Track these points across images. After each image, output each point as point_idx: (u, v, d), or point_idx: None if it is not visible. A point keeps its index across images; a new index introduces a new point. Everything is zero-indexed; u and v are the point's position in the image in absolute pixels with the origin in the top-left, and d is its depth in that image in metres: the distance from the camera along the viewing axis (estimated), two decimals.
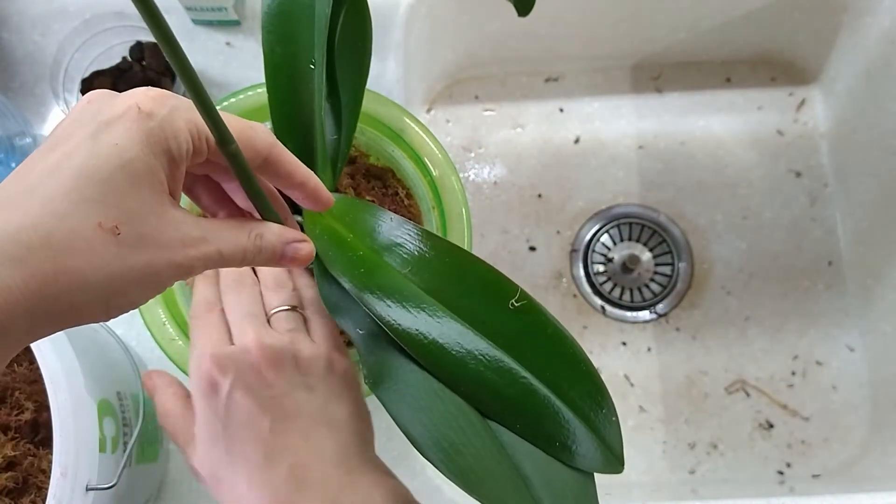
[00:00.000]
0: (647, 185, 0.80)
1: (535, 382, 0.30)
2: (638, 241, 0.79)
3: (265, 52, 0.37)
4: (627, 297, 0.78)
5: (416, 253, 0.33)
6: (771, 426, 0.73)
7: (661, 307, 0.77)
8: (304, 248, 0.31)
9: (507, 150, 0.81)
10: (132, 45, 0.62)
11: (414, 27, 0.67)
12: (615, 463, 0.31)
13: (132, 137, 0.25)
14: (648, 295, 0.78)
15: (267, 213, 0.31)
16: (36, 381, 0.49)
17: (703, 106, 0.81)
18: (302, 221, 0.36)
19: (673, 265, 0.78)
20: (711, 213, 0.79)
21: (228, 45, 0.65)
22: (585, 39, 0.79)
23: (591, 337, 0.77)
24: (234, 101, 0.47)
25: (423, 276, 0.32)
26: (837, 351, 0.75)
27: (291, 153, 0.31)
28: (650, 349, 0.76)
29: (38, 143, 0.61)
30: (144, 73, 0.61)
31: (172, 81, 0.60)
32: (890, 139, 0.70)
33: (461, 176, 0.78)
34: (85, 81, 0.61)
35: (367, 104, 0.42)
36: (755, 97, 0.81)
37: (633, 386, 0.75)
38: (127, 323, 0.58)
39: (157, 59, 0.62)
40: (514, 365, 0.30)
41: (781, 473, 0.72)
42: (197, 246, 0.27)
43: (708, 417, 0.74)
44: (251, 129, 0.29)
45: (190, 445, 0.36)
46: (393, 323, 0.30)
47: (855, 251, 0.76)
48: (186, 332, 0.44)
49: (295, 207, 0.38)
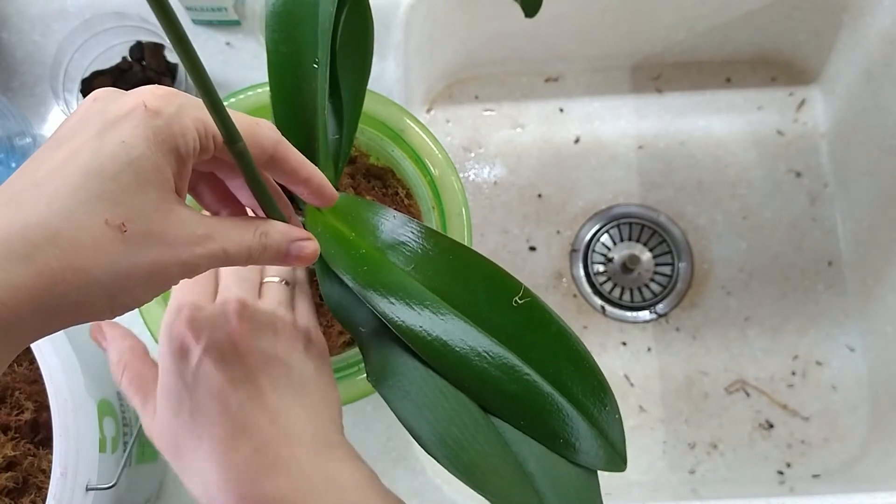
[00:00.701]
0: (647, 185, 0.80)
1: (538, 379, 0.30)
2: (638, 241, 0.79)
3: (269, 50, 0.37)
4: (627, 297, 0.78)
5: (419, 250, 0.33)
6: (771, 426, 0.73)
7: (661, 307, 0.77)
8: (308, 246, 0.31)
9: (507, 150, 0.81)
10: (132, 45, 0.62)
11: (414, 27, 0.67)
12: (618, 460, 0.31)
13: (139, 135, 0.25)
14: (648, 295, 0.78)
15: (272, 211, 0.31)
16: (36, 381, 0.48)
17: (703, 106, 0.81)
18: (303, 220, 0.36)
19: (673, 265, 0.78)
20: (711, 213, 0.79)
21: (228, 45, 0.65)
22: (585, 39, 0.79)
23: (591, 337, 0.77)
24: (234, 101, 0.47)
25: (426, 273, 0.32)
26: (837, 351, 0.75)
27: (296, 150, 0.31)
28: (650, 349, 0.76)
29: (38, 143, 0.61)
30: (144, 73, 0.61)
31: (172, 81, 0.60)
32: (890, 139, 0.70)
33: (461, 176, 0.78)
34: (85, 81, 0.61)
35: (367, 104, 0.42)
36: (755, 97, 0.81)
37: (633, 386, 0.75)
38: (127, 323, 0.58)
39: (156, 59, 0.62)
40: (517, 362, 0.30)
41: (781, 473, 0.72)
42: (203, 244, 0.27)
43: (708, 417, 0.74)
44: (257, 125, 0.29)
45: (148, 406, 0.34)
46: (397, 320, 0.30)
47: (855, 251, 0.76)
48: None
49: (296, 206, 0.38)
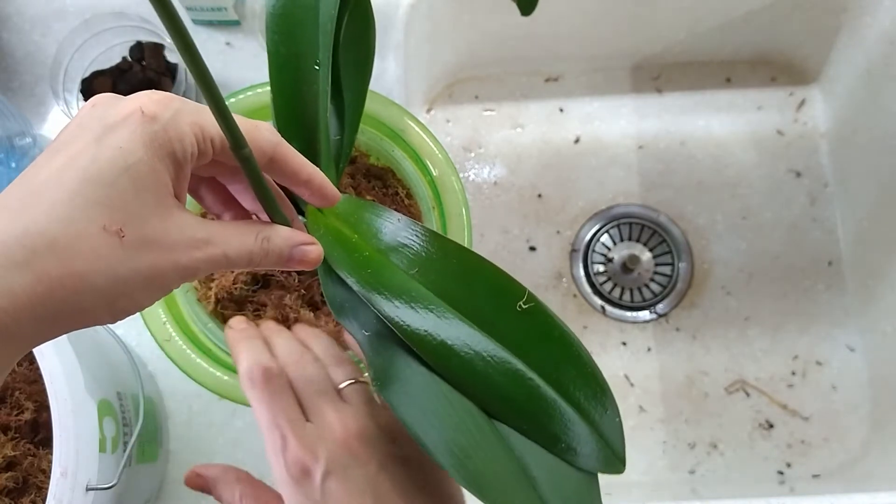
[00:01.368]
0: (647, 185, 0.80)
1: (542, 384, 0.30)
2: (638, 241, 0.79)
3: (270, 52, 0.37)
4: (627, 297, 0.78)
5: (422, 254, 0.33)
6: (771, 426, 0.73)
7: (661, 307, 0.77)
8: (312, 250, 0.31)
9: (507, 150, 0.81)
10: (132, 45, 0.62)
11: (414, 27, 0.67)
12: (616, 463, 0.31)
13: (136, 141, 0.25)
14: (648, 295, 0.78)
15: (276, 215, 0.31)
16: (36, 381, 0.48)
17: (703, 106, 0.81)
18: (305, 222, 0.36)
19: (673, 265, 0.78)
20: (711, 213, 0.79)
21: (228, 45, 0.65)
22: (585, 39, 0.79)
23: (591, 337, 0.77)
24: (233, 101, 0.47)
25: (430, 276, 0.32)
26: (837, 351, 0.75)
27: (296, 151, 0.31)
28: (650, 349, 0.76)
29: (38, 143, 0.61)
30: (144, 73, 0.61)
31: (172, 81, 0.60)
32: (890, 139, 0.70)
33: (461, 176, 0.78)
34: (85, 81, 0.61)
35: (367, 104, 0.42)
36: (755, 97, 0.81)
37: (633, 386, 0.75)
38: (127, 323, 0.58)
39: (156, 59, 0.62)
40: (521, 366, 0.30)
41: (781, 473, 0.72)
42: (202, 248, 0.27)
43: (708, 417, 0.74)
44: (256, 128, 0.29)
45: None
46: (402, 323, 0.30)
47: (855, 251, 0.76)
48: (186, 332, 0.44)
49: (297, 208, 0.38)
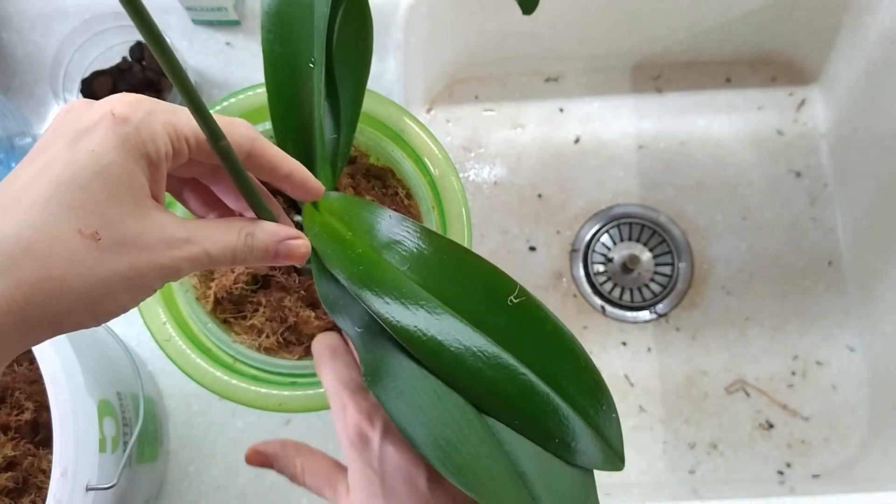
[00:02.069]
0: (647, 185, 0.80)
1: (533, 379, 0.30)
2: (638, 241, 0.79)
3: (265, 51, 0.37)
4: (627, 297, 0.78)
5: (414, 250, 0.33)
6: (771, 426, 0.73)
7: (661, 307, 0.77)
8: (299, 245, 0.31)
9: (507, 150, 0.81)
10: (132, 45, 0.62)
11: (414, 27, 0.67)
12: (615, 460, 0.30)
13: (108, 143, 0.25)
14: (648, 295, 0.78)
15: (260, 210, 0.31)
16: (36, 381, 0.49)
17: (703, 106, 0.81)
18: (301, 219, 0.36)
19: (673, 265, 0.78)
20: (711, 213, 0.79)
21: (228, 45, 0.65)
22: (585, 39, 0.79)
23: (591, 337, 0.77)
24: (233, 101, 0.47)
25: (421, 273, 0.32)
26: (837, 351, 0.75)
27: (274, 146, 0.31)
28: (650, 349, 0.76)
29: None
30: (144, 72, 0.61)
31: None
32: (890, 139, 0.70)
33: (461, 176, 0.78)
34: (85, 81, 0.61)
35: (367, 104, 0.42)
36: (755, 97, 0.81)
37: (633, 386, 0.75)
38: (127, 322, 0.58)
39: (156, 59, 0.62)
40: (512, 361, 0.30)
41: (781, 473, 0.72)
42: (182, 247, 0.27)
43: (708, 417, 0.74)
44: (231, 125, 0.29)
45: (341, 493, 0.35)
46: (391, 320, 0.30)
47: (855, 251, 0.76)
48: (186, 331, 0.44)
49: (296, 207, 0.38)
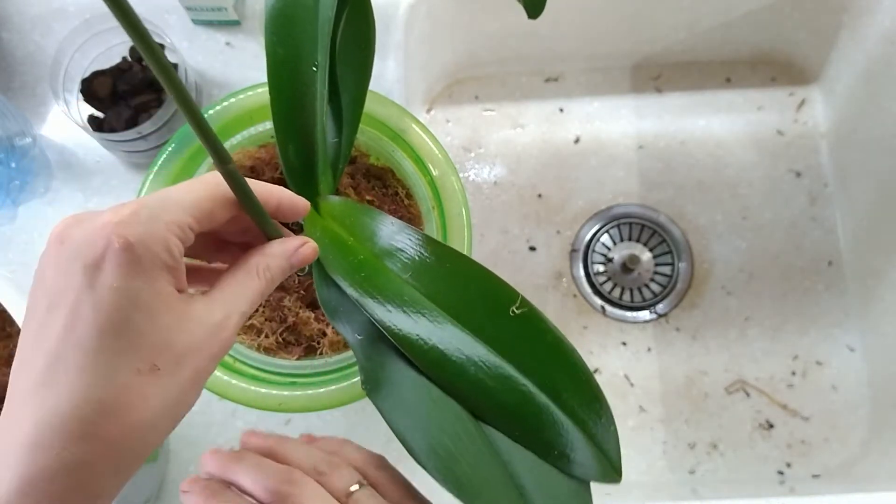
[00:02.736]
0: (647, 185, 0.80)
1: (534, 390, 0.30)
2: (638, 241, 0.79)
3: (268, 53, 0.37)
4: (627, 297, 0.78)
5: (416, 258, 0.33)
6: (771, 426, 0.73)
7: (661, 307, 0.77)
8: (307, 250, 0.32)
9: (507, 150, 0.81)
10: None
11: (414, 27, 0.67)
12: (612, 472, 0.30)
13: (125, 274, 0.25)
14: (648, 295, 0.78)
15: (267, 225, 0.31)
16: None
17: (703, 106, 0.81)
18: (302, 224, 0.36)
19: (673, 265, 0.78)
20: (711, 213, 0.79)
21: (228, 45, 0.65)
22: (585, 39, 0.79)
23: (591, 337, 0.77)
24: (233, 101, 0.47)
25: (423, 281, 0.32)
26: (837, 351, 0.75)
27: (256, 182, 0.31)
28: (650, 349, 0.76)
29: (38, 143, 0.61)
30: (144, 72, 0.61)
31: None
32: (890, 139, 0.70)
33: (461, 176, 0.78)
34: (85, 81, 0.61)
35: (367, 104, 0.42)
36: (755, 97, 0.81)
37: (633, 386, 0.75)
38: None
39: None
40: (513, 372, 0.30)
41: (781, 473, 0.72)
42: (224, 327, 0.28)
43: (708, 417, 0.74)
44: (215, 184, 0.29)
45: None
46: (393, 328, 0.30)
47: (855, 251, 0.76)
48: None
49: None
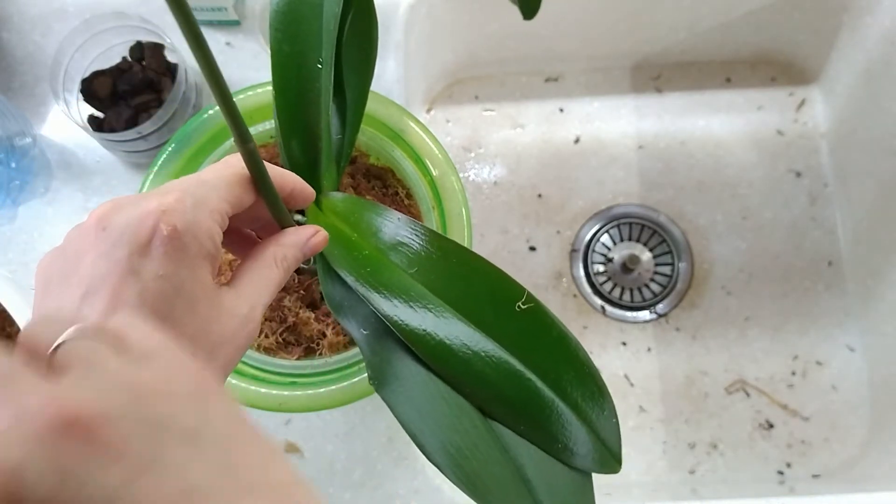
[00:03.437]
0: (647, 185, 0.80)
1: (540, 384, 0.30)
2: (638, 241, 0.79)
3: (272, 50, 0.37)
4: (627, 297, 0.78)
5: (422, 253, 0.33)
6: (771, 426, 0.73)
7: (661, 307, 0.77)
8: (319, 238, 0.32)
9: (507, 150, 0.81)
10: (132, 45, 0.62)
11: (414, 27, 0.67)
12: (613, 463, 0.31)
13: (172, 262, 0.25)
14: (648, 295, 0.78)
15: (280, 211, 0.32)
16: None
17: (703, 106, 0.81)
18: (304, 221, 0.36)
19: (673, 265, 0.78)
20: (711, 213, 0.79)
21: (228, 45, 0.65)
22: (585, 39, 0.79)
23: (591, 337, 0.77)
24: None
25: (429, 276, 0.32)
26: (837, 351, 0.75)
27: (273, 166, 0.31)
28: (650, 349, 0.76)
29: (38, 143, 0.61)
30: (144, 72, 0.61)
31: (172, 81, 0.60)
32: (890, 139, 0.70)
33: (461, 176, 0.78)
34: (85, 81, 0.61)
35: (368, 104, 0.42)
36: (755, 97, 0.81)
37: (633, 386, 0.75)
38: None
39: (156, 59, 0.62)
40: (519, 366, 0.30)
41: (781, 473, 0.72)
42: (251, 318, 0.28)
43: (708, 417, 0.74)
44: (234, 164, 0.30)
45: None
46: (400, 322, 0.30)
47: (855, 251, 0.76)
48: None
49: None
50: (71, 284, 0.24)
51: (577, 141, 0.81)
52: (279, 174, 0.31)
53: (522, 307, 0.31)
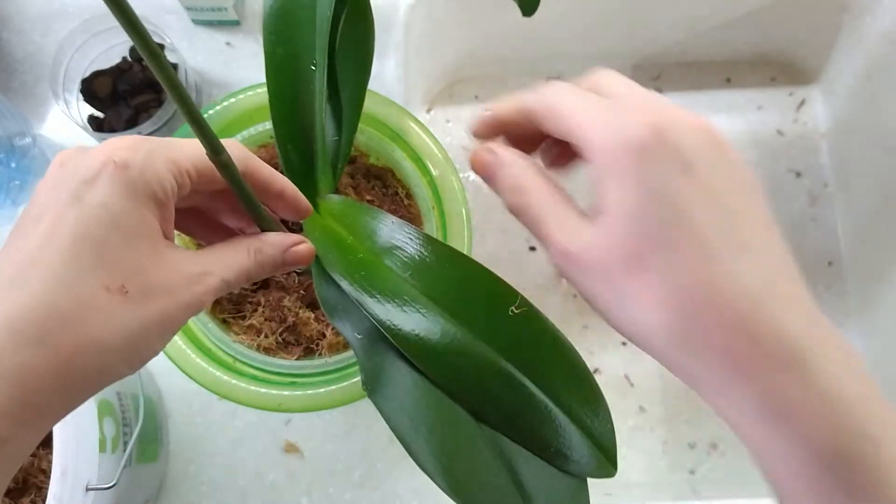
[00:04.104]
0: None
1: (533, 389, 0.30)
2: None
3: (266, 53, 0.37)
4: None
5: (416, 257, 0.33)
6: None
7: None
8: (303, 249, 0.32)
9: None
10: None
11: (414, 27, 0.67)
12: (608, 467, 0.31)
13: (116, 192, 0.25)
14: None
15: (262, 220, 0.31)
16: None
17: (703, 106, 0.81)
18: (302, 223, 0.36)
19: None
20: None
21: (228, 45, 0.65)
22: (585, 39, 0.79)
23: (591, 337, 0.77)
24: (233, 101, 0.47)
25: (423, 280, 0.32)
26: None
27: (266, 164, 0.31)
28: None
29: (37, 142, 0.61)
30: (144, 72, 0.61)
31: None
32: (890, 139, 0.70)
33: (461, 176, 0.78)
34: (85, 81, 0.61)
35: (367, 104, 0.42)
36: (755, 97, 0.81)
37: (633, 386, 0.75)
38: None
39: None
40: (513, 371, 0.30)
41: None
42: (201, 281, 0.27)
43: (708, 417, 0.74)
44: (224, 146, 0.29)
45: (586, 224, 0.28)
46: (392, 327, 0.30)
47: (855, 251, 0.76)
48: (186, 331, 0.44)
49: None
50: (27, 213, 0.26)
51: None
52: (269, 174, 0.31)
53: (516, 311, 0.31)
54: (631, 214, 0.25)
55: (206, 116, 0.46)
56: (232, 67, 0.65)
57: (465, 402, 0.30)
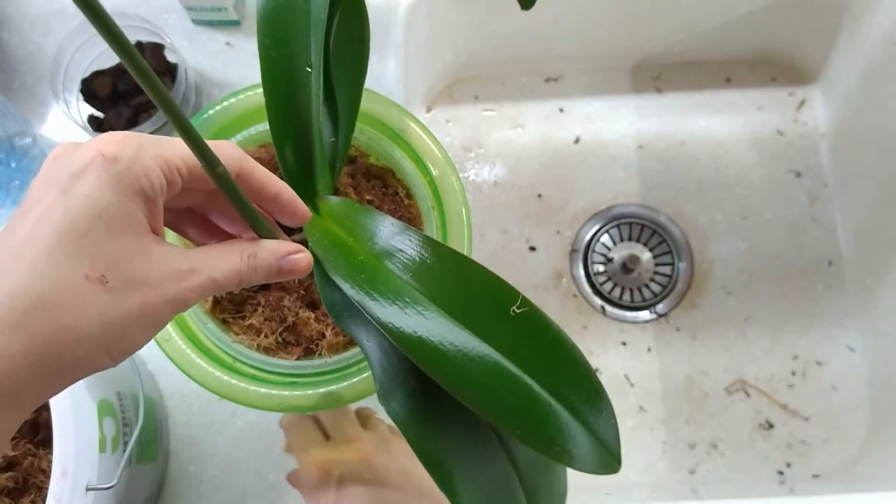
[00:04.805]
0: (647, 185, 0.80)
1: (536, 388, 0.30)
2: (638, 241, 0.79)
3: (261, 55, 0.37)
4: (627, 297, 0.78)
5: (417, 258, 0.33)
6: (771, 426, 0.73)
7: (661, 307, 0.77)
8: (301, 259, 0.31)
9: (507, 150, 0.81)
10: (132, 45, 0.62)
11: (414, 27, 0.67)
12: (612, 462, 0.31)
13: (102, 185, 0.25)
14: (648, 295, 0.78)
15: (260, 228, 0.31)
16: None
17: (703, 106, 0.81)
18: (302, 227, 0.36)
19: (673, 265, 0.78)
20: (711, 213, 0.79)
21: (228, 45, 0.65)
22: (585, 39, 0.79)
23: (591, 337, 0.77)
24: (233, 101, 0.47)
25: (424, 281, 0.32)
26: (837, 351, 0.75)
27: (262, 167, 0.31)
28: (650, 349, 0.76)
29: (37, 142, 0.61)
30: None
31: (172, 81, 0.60)
32: (890, 139, 0.70)
33: (461, 176, 0.78)
34: (85, 81, 0.61)
35: (367, 104, 0.42)
36: (755, 97, 0.81)
37: (633, 386, 0.75)
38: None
39: (156, 59, 0.62)
40: (515, 370, 0.30)
41: (781, 473, 0.72)
42: (188, 278, 0.27)
43: (708, 417, 0.74)
44: (219, 147, 0.29)
45: None
46: (394, 328, 0.30)
47: (855, 251, 0.76)
48: (186, 331, 0.44)
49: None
50: (21, 208, 0.26)
51: (577, 141, 0.81)
52: (265, 176, 0.31)
53: (517, 311, 0.31)
54: None
55: (206, 116, 0.46)
56: (232, 67, 0.65)
57: (469, 401, 0.30)
